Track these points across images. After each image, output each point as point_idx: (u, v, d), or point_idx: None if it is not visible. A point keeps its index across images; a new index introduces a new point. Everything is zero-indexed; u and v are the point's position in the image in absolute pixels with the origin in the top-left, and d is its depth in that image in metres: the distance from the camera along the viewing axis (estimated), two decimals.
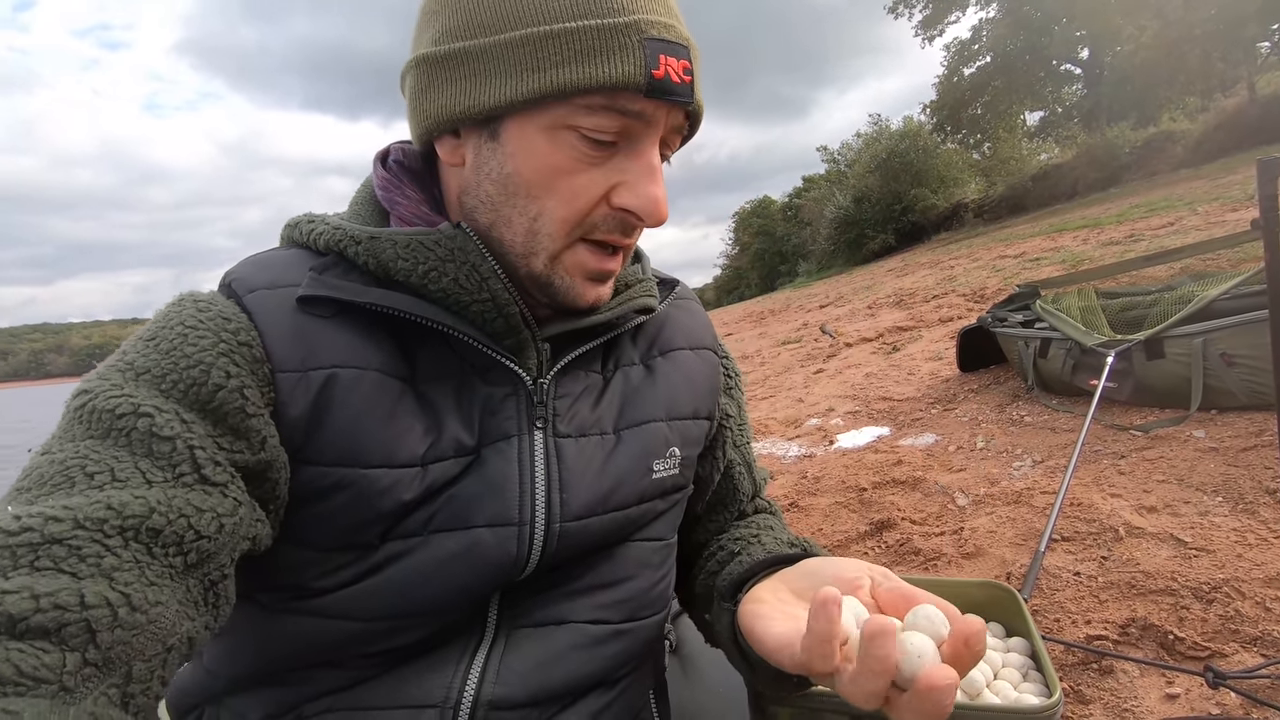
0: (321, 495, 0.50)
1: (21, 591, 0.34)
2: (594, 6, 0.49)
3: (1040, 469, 2.54)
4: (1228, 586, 1.60)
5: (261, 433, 0.47)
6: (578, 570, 0.60)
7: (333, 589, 0.52)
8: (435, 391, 0.54)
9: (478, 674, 0.54)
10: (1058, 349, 3.05)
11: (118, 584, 0.37)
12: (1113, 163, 14.79)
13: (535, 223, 0.53)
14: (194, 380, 0.46)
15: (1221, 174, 8.70)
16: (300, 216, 0.59)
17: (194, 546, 0.41)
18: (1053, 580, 1.83)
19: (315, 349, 0.51)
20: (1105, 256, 5.61)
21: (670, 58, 0.49)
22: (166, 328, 0.48)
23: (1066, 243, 7.10)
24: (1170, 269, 3.90)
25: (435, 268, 0.52)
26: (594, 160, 0.51)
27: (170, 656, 0.39)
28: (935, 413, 3.55)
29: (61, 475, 0.40)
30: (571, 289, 0.55)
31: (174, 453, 0.43)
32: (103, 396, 0.44)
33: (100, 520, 0.38)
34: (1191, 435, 2.41)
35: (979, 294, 6.11)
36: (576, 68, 0.48)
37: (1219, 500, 1.99)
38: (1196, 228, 5.53)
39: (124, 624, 0.36)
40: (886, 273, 11.37)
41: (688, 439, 0.67)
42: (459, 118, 0.52)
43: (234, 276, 0.54)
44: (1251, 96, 13.15)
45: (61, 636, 0.34)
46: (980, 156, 22.41)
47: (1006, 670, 0.88)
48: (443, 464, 0.53)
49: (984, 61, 19.65)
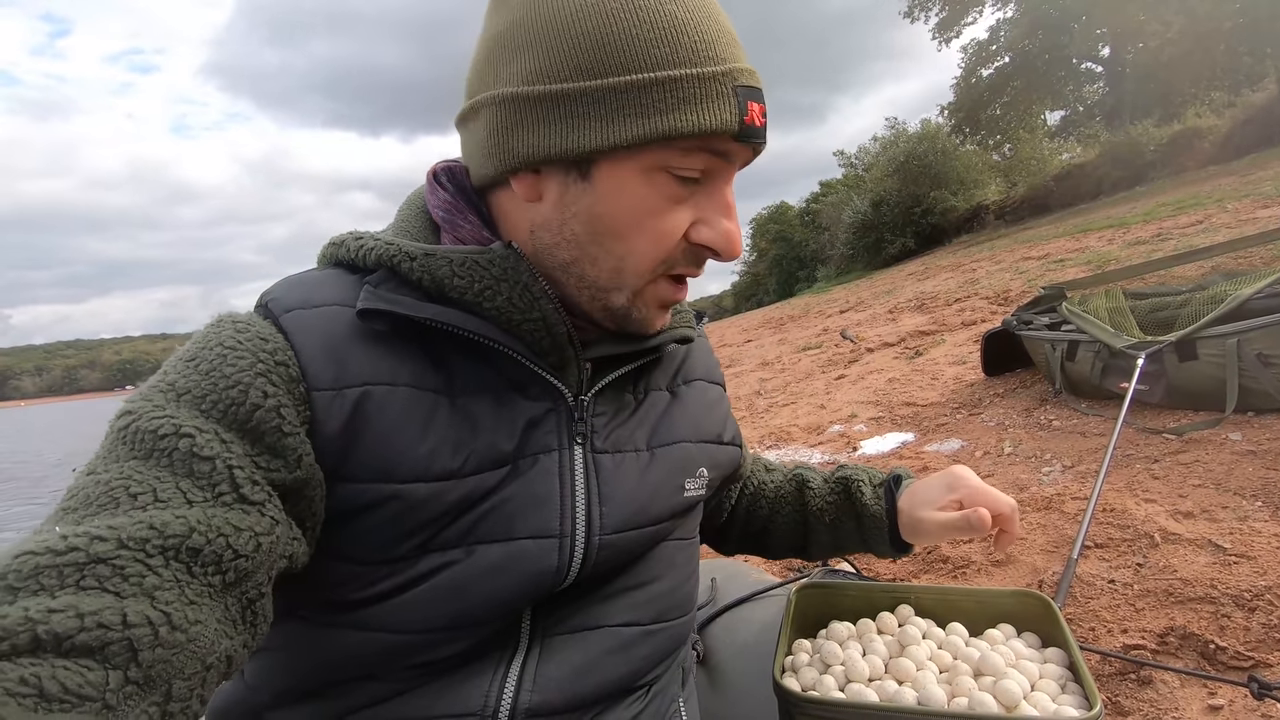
0: (359, 511, 0.51)
1: (67, 610, 0.35)
2: (694, 56, 0.51)
3: (1070, 474, 2.49)
4: (1270, 594, 1.56)
5: (298, 451, 0.48)
6: (609, 575, 0.62)
7: (373, 602, 0.52)
8: (473, 404, 0.55)
9: (514, 682, 0.55)
10: (1086, 351, 2.99)
11: (159, 603, 0.38)
12: (1137, 161, 14.54)
13: (623, 261, 0.55)
14: (232, 400, 0.47)
15: (1251, 170, 8.52)
16: (346, 234, 0.60)
17: (232, 565, 0.42)
18: (1087, 588, 1.79)
19: (348, 367, 0.52)
20: (1132, 256, 5.50)
21: (755, 103, 0.53)
22: (206, 349, 0.50)
23: (1092, 243, 6.98)
24: (1200, 268, 3.82)
25: (490, 286, 0.54)
26: (680, 199, 0.54)
27: (209, 675, 0.40)
28: (960, 418, 3.50)
29: (106, 495, 0.41)
30: (646, 319, 0.59)
31: (213, 472, 0.44)
32: (146, 418, 0.45)
33: (143, 540, 0.39)
34: (1228, 438, 2.35)
35: (1002, 297, 6.03)
36: (680, 115, 0.50)
37: (1259, 505, 1.94)
38: (1227, 225, 5.41)
39: (164, 643, 0.37)
40: (907, 276, 11.27)
41: (715, 462, 0.72)
42: (551, 158, 0.52)
43: (270, 297, 0.55)
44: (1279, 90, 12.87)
45: (105, 655, 0.35)
46: (1000, 158, 22.15)
47: (1044, 682, 0.86)
48: (480, 475, 0.54)
49: (1002, 62, 19.49)
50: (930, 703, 0.80)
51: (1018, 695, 0.83)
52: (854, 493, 0.86)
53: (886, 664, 0.88)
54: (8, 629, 0.33)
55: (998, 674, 0.86)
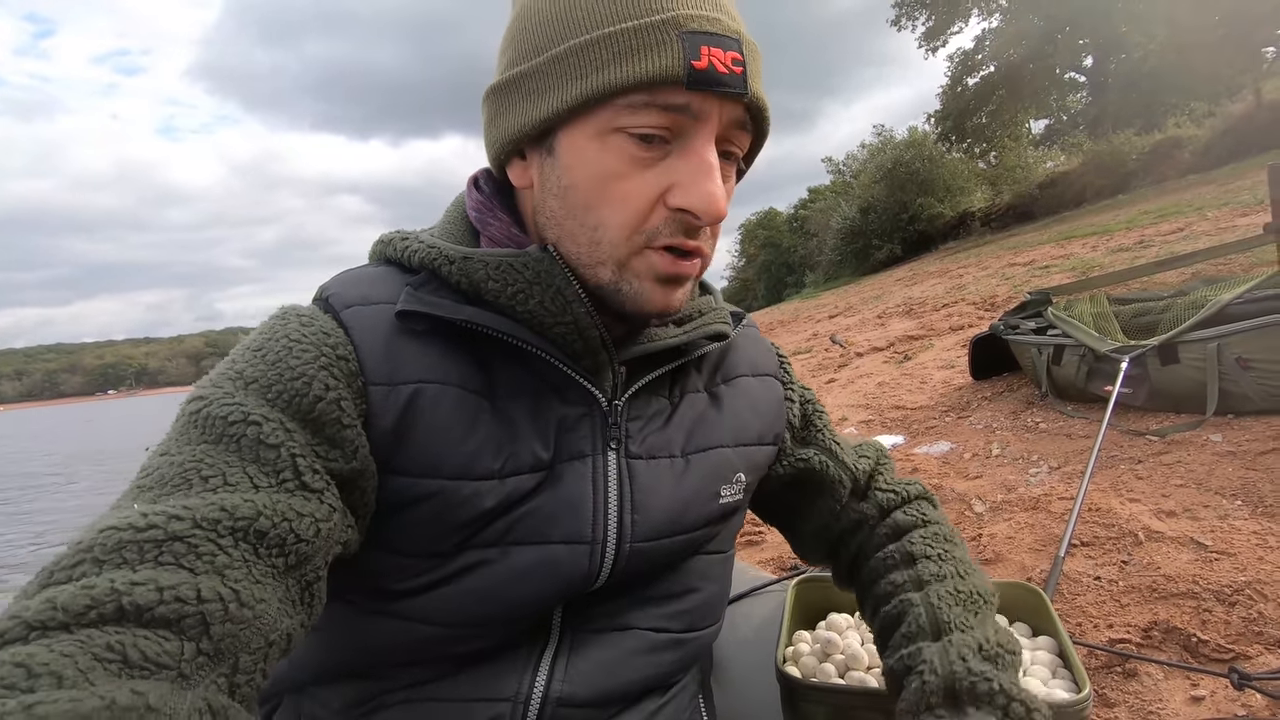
0: (407, 504, 0.53)
1: (148, 584, 0.37)
2: (632, 9, 0.50)
3: (1057, 475, 2.54)
4: (1250, 589, 1.61)
5: (355, 443, 0.50)
6: (643, 581, 0.62)
7: (414, 593, 0.54)
8: (512, 407, 0.56)
9: (546, 673, 0.57)
10: (1071, 355, 3.05)
11: (228, 580, 0.40)
12: (1120, 169, 14.76)
13: (596, 232, 0.53)
14: (296, 391, 0.48)
15: (1230, 179, 8.69)
16: (393, 234, 0.62)
17: (294, 549, 0.44)
18: (1073, 585, 1.83)
19: (402, 364, 0.53)
20: (1115, 263, 5.60)
21: (715, 49, 0.49)
22: (272, 340, 0.51)
23: (1076, 250, 7.10)
24: (1182, 274, 3.90)
25: (523, 289, 0.54)
26: (646, 162, 0.51)
27: (271, 651, 0.41)
28: (949, 420, 3.55)
29: (180, 477, 0.43)
30: (640, 294, 0.55)
31: (278, 460, 0.46)
32: (216, 404, 0.47)
33: (214, 521, 0.41)
34: (1209, 439, 2.41)
35: (989, 302, 6.11)
36: (615, 68, 0.49)
37: (1238, 504, 1.99)
38: (1207, 233, 5.52)
39: (233, 618, 0.39)
40: (895, 282, 11.38)
41: (753, 464, 0.69)
42: (519, 138, 0.54)
43: (331, 292, 0.56)
44: (1258, 102, 13.14)
45: (181, 627, 0.37)
46: (986, 165, 22.42)
47: (1035, 668, 0.89)
48: (519, 478, 0.55)
49: (988, 71, 19.72)
50: None
51: None
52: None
53: None
54: (96, 599, 0.35)
55: None
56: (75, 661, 0.32)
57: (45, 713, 0.29)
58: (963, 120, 20.26)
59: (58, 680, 0.31)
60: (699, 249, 0.55)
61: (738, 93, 0.50)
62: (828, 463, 0.75)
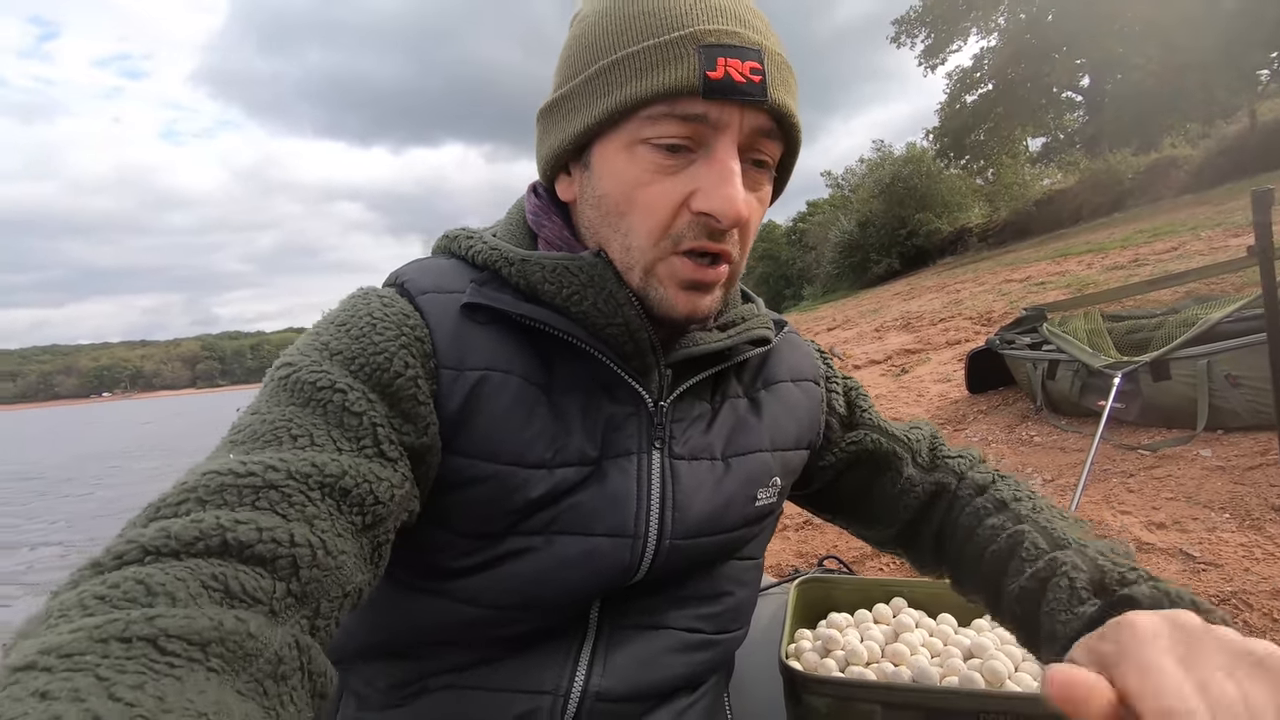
0: (462, 484, 0.55)
1: (249, 524, 0.40)
2: (655, 29, 0.53)
3: (1051, 488, 2.59)
4: (1236, 599, 1.65)
5: (426, 419, 0.53)
6: (679, 581, 0.64)
7: (461, 573, 0.56)
8: (566, 402, 0.58)
9: (585, 667, 0.59)
10: (1065, 371, 3.11)
11: (316, 530, 0.42)
12: (1116, 188, 14.90)
13: (626, 238, 0.56)
14: (378, 366, 0.52)
15: (1225, 199, 8.79)
16: (458, 231, 0.65)
17: (372, 510, 0.47)
18: None
19: (470, 351, 0.56)
20: (1110, 280, 5.68)
21: (733, 59, 0.51)
22: (356, 316, 0.54)
23: (1071, 267, 7.18)
24: (1174, 292, 3.96)
25: (577, 292, 0.56)
26: (669, 170, 0.54)
27: (345, 602, 0.44)
28: (946, 433, 3.59)
29: (271, 433, 0.47)
30: (665, 299, 0.56)
31: (360, 427, 0.49)
32: (306, 370, 0.50)
33: (305, 475, 0.44)
34: (1198, 454, 2.46)
35: (985, 317, 6.17)
36: (637, 83, 0.52)
37: (1226, 516, 2.04)
38: (1200, 252, 5.60)
39: (319, 564, 0.41)
40: (893, 296, 11.45)
41: (788, 468, 0.71)
42: (560, 154, 0.59)
43: (407, 279, 0.59)
44: (1252, 124, 13.31)
45: (274, 566, 0.40)
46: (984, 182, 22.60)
47: (1026, 664, 0.94)
48: (566, 470, 0.57)
49: (986, 89, 19.94)
50: (924, 680, 0.88)
51: (1003, 674, 0.91)
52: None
53: (883, 648, 0.96)
54: (204, 531, 0.38)
55: (985, 656, 0.94)
56: (186, 585, 0.35)
57: (165, 625, 0.32)
58: (961, 137, 20.46)
59: (172, 599, 0.34)
60: (724, 252, 0.56)
61: (756, 100, 0.52)
62: (880, 439, 0.75)
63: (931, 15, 19.02)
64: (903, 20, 19.97)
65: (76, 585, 0.35)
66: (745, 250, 0.59)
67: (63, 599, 0.34)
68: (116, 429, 25.84)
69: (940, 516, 0.75)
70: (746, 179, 0.55)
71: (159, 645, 0.31)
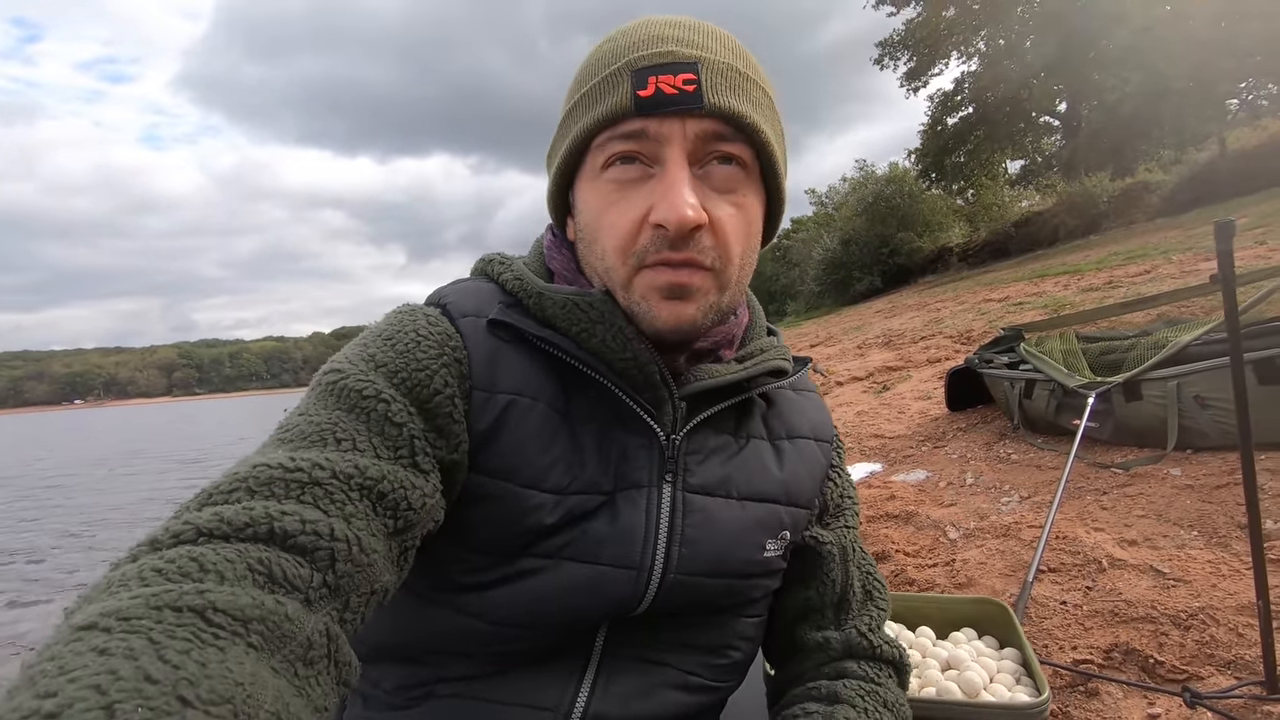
0: (480, 501, 0.57)
1: (294, 515, 0.42)
2: (601, 66, 0.58)
3: (1027, 504, 2.65)
4: (1204, 614, 1.71)
5: (459, 437, 0.56)
6: (684, 624, 0.65)
7: (471, 588, 0.58)
8: (584, 431, 0.60)
9: (588, 689, 0.61)
10: (1042, 390, 3.19)
11: (353, 527, 0.45)
12: (1091, 211, 15.23)
13: (603, 261, 0.59)
14: (419, 382, 0.54)
15: (1195, 224, 9.05)
16: (494, 256, 0.68)
17: (404, 515, 0.49)
18: (1041, 609, 1.92)
19: (502, 375, 0.58)
20: (1085, 302, 5.81)
21: (664, 75, 0.54)
22: (402, 332, 0.57)
23: (1048, 288, 7.33)
24: (1146, 315, 4.07)
25: (587, 328, 0.58)
26: (627, 190, 0.56)
27: (373, 599, 0.46)
28: (926, 450, 3.66)
29: (317, 434, 0.49)
30: (647, 313, 0.58)
31: (399, 437, 0.52)
32: (353, 378, 0.53)
33: (348, 475, 0.47)
34: (1168, 473, 2.53)
35: (965, 336, 6.28)
36: (585, 118, 0.57)
37: (1194, 534, 2.11)
38: (1171, 276, 5.76)
39: (354, 560, 0.44)
40: (875, 314, 11.60)
41: (797, 525, 0.70)
42: (554, 197, 0.64)
43: (450, 301, 0.62)
44: (1222, 151, 13.73)
45: (314, 558, 0.42)
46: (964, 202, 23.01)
47: (1001, 675, 0.97)
48: (580, 497, 0.59)
49: (966, 112, 20.35)
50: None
51: (979, 685, 0.94)
52: None
53: None
54: (254, 518, 0.41)
55: (961, 667, 0.97)
56: (234, 566, 0.38)
57: (213, 599, 0.35)
58: (942, 158, 20.83)
59: (221, 577, 0.37)
60: (689, 259, 0.56)
61: (691, 108, 0.54)
62: (834, 557, 0.72)
63: (914, 39, 19.41)
64: (886, 43, 20.35)
65: (136, 559, 0.38)
66: (729, 255, 0.58)
67: (123, 570, 0.37)
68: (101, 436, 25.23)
69: (796, 670, 0.73)
70: (712, 180, 0.57)
71: (206, 617, 0.34)
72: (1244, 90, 14.23)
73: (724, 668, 0.68)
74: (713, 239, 0.57)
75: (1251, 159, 12.38)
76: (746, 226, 0.59)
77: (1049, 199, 18.44)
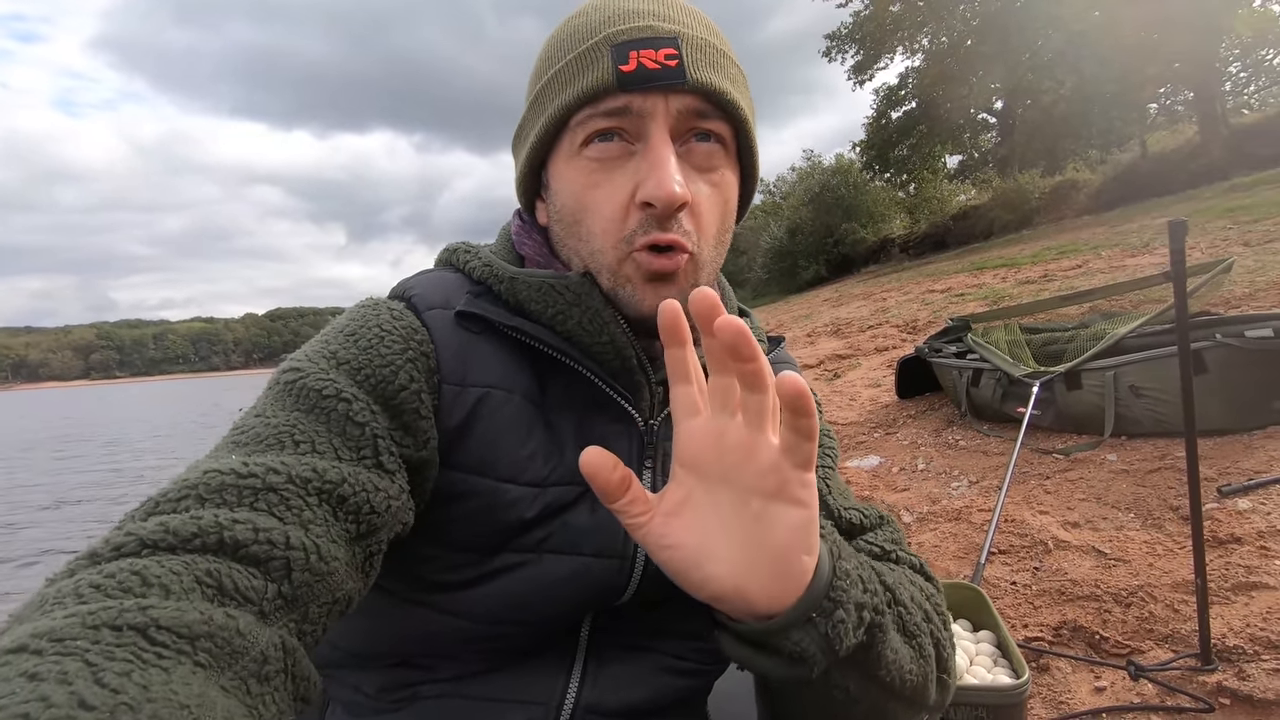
0: (455, 498, 0.55)
1: (247, 523, 0.40)
2: (575, 41, 0.56)
3: (976, 489, 2.76)
4: (1142, 591, 1.81)
5: (427, 433, 0.54)
6: (670, 609, 0.64)
7: (450, 587, 0.56)
8: (560, 421, 0.59)
9: (578, 679, 0.60)
10: (988, 379, 3.32)
11: (311, 534, 0.43)
12: (1024, 206, 15.92)
13: (588, 244, 0.57)
14: (384, 378, 0.52)
15: (1120, 221, 9.54)
16: (458, 245, 0.65)
17: (367, 519, 0.47)
18: (993, 589, 2.01)
19: (473, 368, 0.57)
20: (1023, 294, 6.07)
21: (645, 50, 0.53)
22: (365, 327, 0.55)
23: (988, 280, 7.63)
24: (1081, 308, 4.29)
25: (562, 311, 0.57)
26: (610, 168, 0.55)
27: (334, 608, 0.44)
28: (878, 436, 3.77)
29: (274, 437, 0.47)
30: (633, 297, 0.56)
31: (361, 437, 0.49)
32: (313, 377, 0.51)
33: (306, 480, 0.44)
34: (1106, 459, 2.67)
35: (911, 325, 6.48)
36: (563, 94, 0.55)
37: (1131, 516, 2.24)
38: (1101, 270, 6.07)
39: (312, 569, 0.41)
40: (823, 302, 11.85)
41: None
42: (525, 179, 0.62)
43: (415, 293, 0.60)
44: (1143, 153, 14.55)
45: (268, 568, 0.40)
46: (906, 195, 23.69)
47: (980, 658, 1.01)
48: (559, 489, 0.57)
49: (910, 107, 20.88)
50: None
51: (961, 668, 0.97)
52: None
53: None
54: (202, 528, 0.38)
55: None
56: (181, 579, 0.35)
57: (156, 615, 0.32)
58: (886, 151, 21.33)
59: (166, 592, 0.34)
60: (674, 242, 0.55)
61: (674, 83, 0.53)
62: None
63: (861, 32, 19.73)
64: (834, 35, 20.63)
65: (73, 574, 0.36)
66: (707, 238, 0.57)
67: (59, 586, 0.35)
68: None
69: None
70: (693, 158, 0.56)
71: (149, 635, 0.32)
72: (1163, 95, 15.07)
73: (712, 651, 0.67)
74: (692, 220, 0.56)
75: (1169, 161, 13.17)
76: (723, 205, 0.58)
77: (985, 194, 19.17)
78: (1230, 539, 1.94)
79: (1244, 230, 5.58)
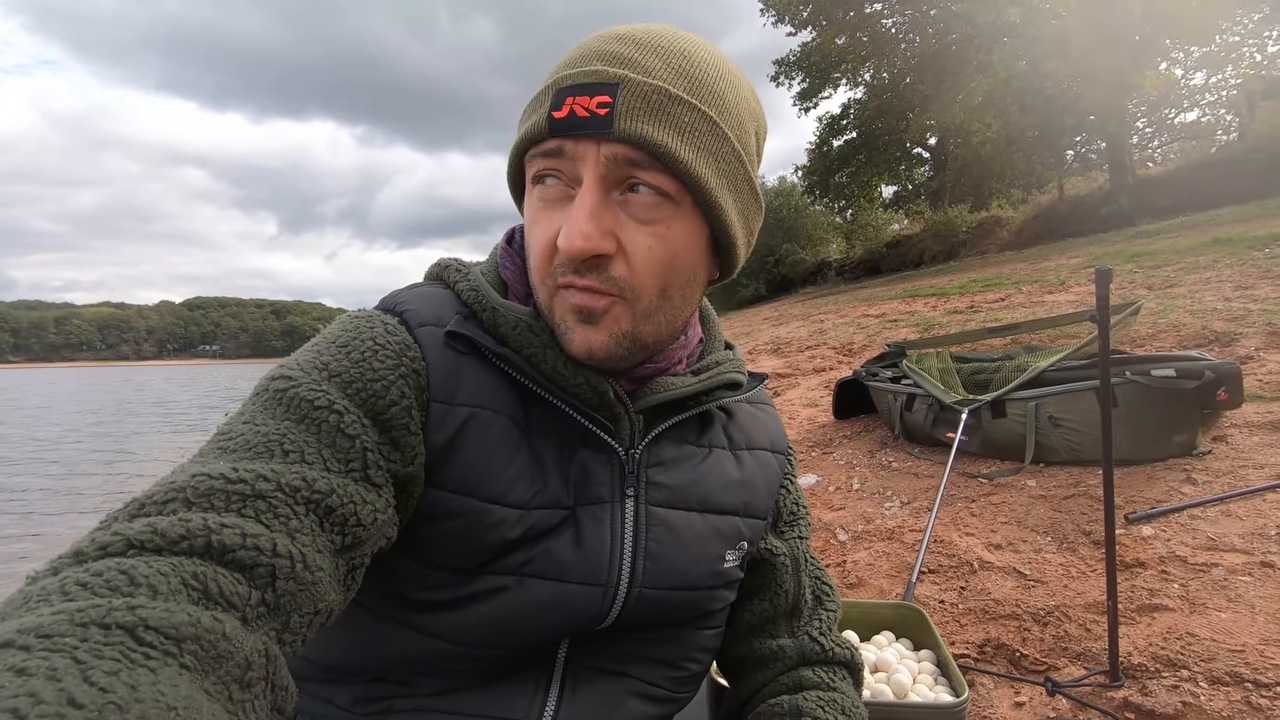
0: (439, 517, 0.55)
1: (234, 528, 0.40)
2: (544, 79, 0.58)
3: (907, 509, 2.88)
4: (1059, 611, 1.94)
5: (415, 450, 0.54)
6: (647, 636, 0.66)
7: (430, 607, 0.56)
8: (544, 446, 0.59)
9: (555, 700, 0.61)
10: (921, 404, 3.47)
11: (298, 543, 0.43)
12: (952, 238, 16.81)
13: (533, 277, 0.59)
14: (375, 393, 0.53)
15: (1038, 259, 10.17)
16: (450, 261, 0.66)
17: (353, 531, 0.47)
18: (923, 608, 2.10)
19: (461, 387, 0.57)
20: (952, 323, 6.39)
21: (580, 97, 0.52)
22: (358, 339, 0.55)
23: (919, 308, 7.98)
24: (1006, 340, 4.55)
25: (538, 352, 0.58)
26: (550, 209, 0.56)
27: (316, 619, 0.44)
28: (815, 455, 3.89)
29: (263, 445, 0.47)
30: (565, 334, 0.57)
31: (351, 449, 0.50)
32: (305, 387, 0.51)
33: (294, 489, 0.45)
34: (1026, 484, 2.84)
35: (847, 348, 6.72)
36: (519, 130, 0.57)
37: (1049, 539, 2.38)
38: (1022, 304, 6.45)
39: (296, 578, 0.42)
40: (763, 320, 12.12)
41: (754, 535, 0.71)
42: (517, 203, 0.64)
43: (408, 309, 0.60)
44: (1060, 195, 15.62)
45: (253, 574, 0.40)
46: (843, 220, 24.57)
47: (923, 676, 1.06)
48: (543, 512, 0.58)
49: (851, 136, 21.71)
50: None
51: (907, 686, 1.02)
52: None
53: None
54: (190, 531, 0.38)
55: (890, 670, 1.05)
56: (168, 580, 0.36)
57: (145, 615, 0.32)
58: (826, 177, 22.09)
59: (153, 592, 0.34)
60: (590, 286, 0.54)
61: (599, 132, 0.52)
62: (787, 568, 0.74)
63: (808, 61, 20.41)
64: (783, 62, 21.28)
65: (58, 572, 0.35)
66: (645, 289, 0.56)
67: (43, 584, 0.34)
68: None
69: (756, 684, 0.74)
70: (629, 208, 0.54)
71: (137, 635, 0.32)
72: (1079, 144, 16.22)
73: (684, 679, 0.69)
74: (626, 269, 0.55)
75: (1083, 205, 14.17)
76: (669, 259, 0.56)
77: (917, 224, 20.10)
78: (1135, 563, 2.09)
79: (1148, 275, 6.04)
